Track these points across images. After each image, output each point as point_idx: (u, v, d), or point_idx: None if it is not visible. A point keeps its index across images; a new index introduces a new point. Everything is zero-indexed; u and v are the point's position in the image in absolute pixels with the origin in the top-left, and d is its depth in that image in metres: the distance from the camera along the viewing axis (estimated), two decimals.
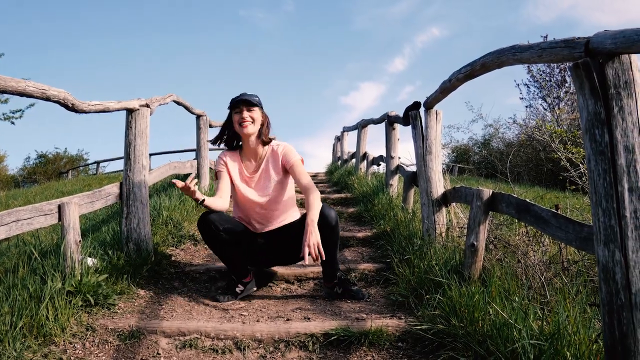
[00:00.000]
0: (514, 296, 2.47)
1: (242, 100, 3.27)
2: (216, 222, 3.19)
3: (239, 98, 3.29)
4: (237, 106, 3.30)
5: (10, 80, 2.39)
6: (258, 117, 3.32)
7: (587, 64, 1.73)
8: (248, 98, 3.27)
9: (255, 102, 3.29)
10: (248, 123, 3.28)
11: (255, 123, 3.30)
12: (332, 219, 3.17)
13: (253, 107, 3.30)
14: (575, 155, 4.40)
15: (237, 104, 3.29)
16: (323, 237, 3.03)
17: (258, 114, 3.32)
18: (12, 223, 2.67)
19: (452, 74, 3.28)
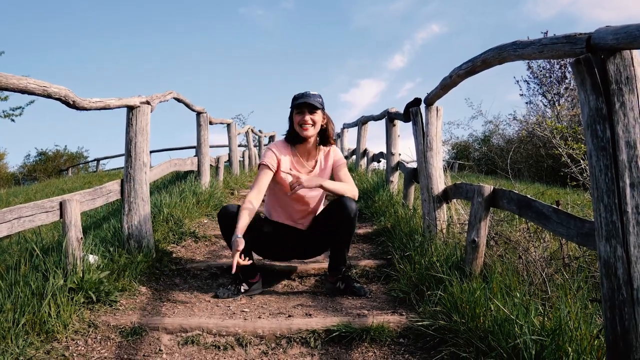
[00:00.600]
0: (515, 292, 2.47)
1: (305, 104, 3.27)
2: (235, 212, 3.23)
3: (302, 100, 3.27)
4: (300, 108, 3.30)
5: (11, 77, 2.39)
6: (319, 120, 3.34)
7: (588, 59, 1.73)
8: (311, 101, 3.26)
9: (318, 104, 3.29)
10: (309, 126, 3.30)
11: (315, 126, 3.33)
12: (352, 211, 3.24)
13: (315, 110, 3.30)
14: (576, 151, 4.40)
15: (300, 106, 3.29)
16: (340, 228, 3.26)
17: (319, 117, 3.33)
18: (14, 220, 2.67)
19: (452, 70, 3.28)
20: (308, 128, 3.30)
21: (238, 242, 2.98)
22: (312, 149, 3.47)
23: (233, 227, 3.13)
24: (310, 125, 3.30)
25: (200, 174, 6.66)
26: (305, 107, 3.28)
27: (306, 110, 3.29)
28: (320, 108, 3.31)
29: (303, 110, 3.29)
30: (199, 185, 6.21)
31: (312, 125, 3.31)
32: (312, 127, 3.31)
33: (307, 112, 3.29)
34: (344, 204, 3.24)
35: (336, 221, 3.29)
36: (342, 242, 3.35)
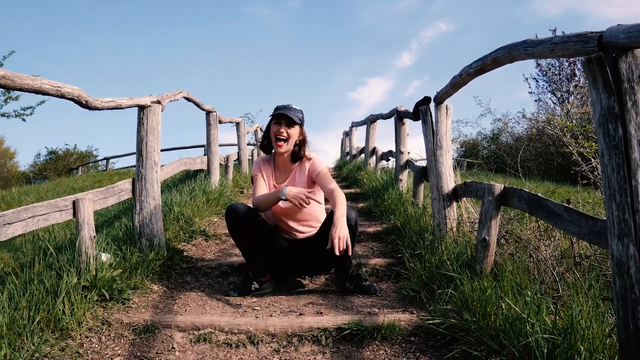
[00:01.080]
0: (527, 291, 2.47)
1: (283, 115, 3.26)
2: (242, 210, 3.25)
3: (281, 112, 3.26)
4: (278, 118, 3.29)
5: (26, 78, 2.42)
6: (295, 135, 3.31)
7: (600, 58, 1.73)
8: (290, 115, 3.24)
9: (297, 119, 3.27)
10: (282, 141, 3.29)
11: (289, 141, 3.30)
12: (352, 219, 3.16)
13: (293, 125, 3.29)
14: (587, 149, 4.39)
15: (278, 117, 3.28)
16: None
17: (296, 132, 3.32)
18: (28, 219, 2.70)
19: (462, 69, 3.28)
20: (282, 144, 3.28)
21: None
22: (287, 161, 3.43)
23: (240, 226, 3.23)
24: (284, 140, 3.28)
25: (210, 172, 6.69)
26: (283, 118, 3.28)
27: (283, 121, 3.28)
28: (298, 124, 3.30)
29: (280, 121, 3.29)
30: (208, 184, 6.24)
31: (286, 140, 3.28)
32: (285, 144, 3.29)
33: (284, 123, 3.27)
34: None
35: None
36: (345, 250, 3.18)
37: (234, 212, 3.27)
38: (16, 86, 2.37)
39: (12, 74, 2.31)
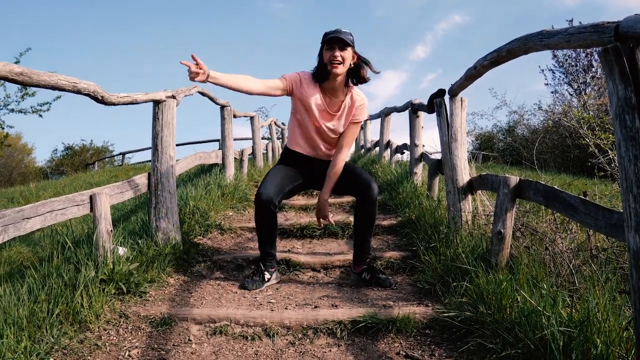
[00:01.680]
0: (542, 283, 2.46)
1: (336, 39, 3.19)
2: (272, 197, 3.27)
3: (333, 35, 3.19)
4: (330, 43, 3.22)
5: (43, 74, 2.44)
6: (349, 57, 3.25)
7: (616, 48, 1.71)
8: (343, 37, 3.17)
9: (349, 41, 3.21)
10: (338, 63, 3.22)
11: (344, 63, 3.24)
12: (373, 195, 3.35)
13: (346, 47, 3.22)
14: (604, 141, 4.35)
15: (330, 41, 3.21)
16: (361, 211, 3.41)
17: (349, 54, 3.25)
18: (46, 213, 2.74)
19: (477, 61, 3.26)
20: (337, 66, 3.22)
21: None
22: (339, 88, 3.38)
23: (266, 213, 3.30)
24: (339, 62, 3.22)
25: (225, 166, 6.72)
26: (336, 42, 3.20)
27: (337, 46, 3.20)
28: (350, 45, 3.23)
29: (333, 46, 3.20)
30: (223, 178, 6.27)
31: (342, 62, 3.22)
32: (341, 65, 3.23)
33: (338, 48, 3.20)
34: (368, 186, 3.36)
35: (359, 202, 3.42)
36: (364, 229, 3.42)
37: (262, 198, 3.27)
38: (33, 82, 2.40)
39: (30, 71, 2.34)
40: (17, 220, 2.48)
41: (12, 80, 2.29)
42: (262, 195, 3.26)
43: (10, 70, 2.23)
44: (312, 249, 4.25)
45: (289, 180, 3.44)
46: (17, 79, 2.29)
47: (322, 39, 3.28)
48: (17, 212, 2.50)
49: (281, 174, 3.44)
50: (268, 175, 3.43)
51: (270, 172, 3.47)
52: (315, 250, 4.19)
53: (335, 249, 4.21)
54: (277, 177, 3.40)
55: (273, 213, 3.33)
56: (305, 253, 4.08)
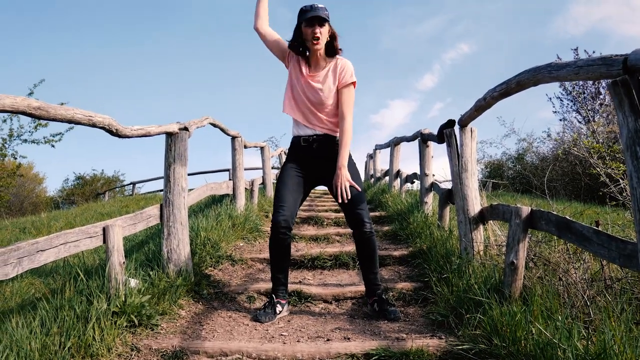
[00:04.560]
0: (557, 315, 2.44)
1: (315, 17, 3.35)
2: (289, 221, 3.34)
3: (312, 14, 3.35)
4: (310, 21, 3.38)
5: (59, 108, 2.49)
6: (325, 32, 3.42)
7: (625, 81, 1.73)
8: (320, 14, 3.35)
9: (326, 17, 3.38)
10: (318, 40, 3.39)
11: (322, 38, 3.41)
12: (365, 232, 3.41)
13: (324, 23, 3.39)
14: (615, 170, 4.33)
15: (310, 20, 3.37)
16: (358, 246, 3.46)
17: (326, 30, 3.42)
18: (60, 246, 2.76)
19: (487, 92, 3.29)
20: (318, 42, 3.39)
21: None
22: (320, 59, 3.53)
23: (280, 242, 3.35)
24: (319, 38, 3.39)
25: (236, 197, 6.75)
26: (316, 20, 3.37)
27: (316, 23, 3.37)
28: (327, 21, 3.40)
29: (313, 23, 3.37)
30: (234, 209, 6.29)
31: (320, 38, 3.39)
32: (321, 41, 3.41)
33: (317, 24, 3.37)
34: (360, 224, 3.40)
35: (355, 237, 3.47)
36: (367, 261, 3.45)
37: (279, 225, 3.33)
38: (50, 116, 2.44)
39: (47, 105, 2.38)
40: (32, 252, 2.51)
41: (30, 115, 2.34)
42: (279, 223, 3.32)
43: (29, 105, 2.28)
44: (323, 280, 4.23)
45: (298, 192, 3.49)
46: (34, 113, 2.34)
47: (300, 16, 3.43)
48: (32, 245, 2.52)
49: (290, 187, 3.46)
50: (279, 194, 3.45)
51: (280, 188, 3.47)
52: (326, 282, 4.18)
53: (346, 280, 4.19)
54: (288, 196, 3.41)
55: (288, 238, 3.37)
56: (317, 284, 4.06)
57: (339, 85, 3.49)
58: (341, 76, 3.49)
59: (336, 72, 3.50)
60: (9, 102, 2.15)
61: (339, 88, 3.48)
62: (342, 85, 3.48)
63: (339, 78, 3.49)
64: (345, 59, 3.55)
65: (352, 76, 3.51)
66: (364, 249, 3.43)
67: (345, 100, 3.47)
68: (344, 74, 3.49)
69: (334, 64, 3.52)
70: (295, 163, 3.55)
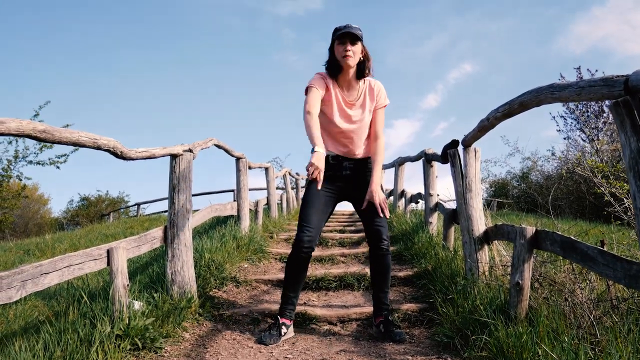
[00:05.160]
0: (563, 336, 2.42)
1: (347, 34, 3.36)
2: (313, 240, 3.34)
3: (344, 30, 3.36)
4: (342, 38, 3.39)
5: (64, 131, 2.51)
6: (358, 51, 3.42)
7: (627, 102, 1.74)
8: (353, 31, 3.35)
9: (359, 36, 3.38)
10: (350, 56, 3.37)
11: (355, 56, 3.40)
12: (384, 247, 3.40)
13: (357, 41, 3.39)
14: (619, 190, 4.33)
15: (342, 36, 3.38)
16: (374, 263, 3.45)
17: (359, 48, 3.42)
18: (64, 268, 2.76)
19: (490, 113, 3.30)
20: (349, 58, 3.38)
21: (320, 156, 3.02)
22: (352, 80, 3.52)
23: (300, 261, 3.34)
24: (351, 56, 3.38)
25: (240, 218, 6.74)
26: (348, 37, 3.37)
27: (348, 40, 3.37)
28: (360, 39, 3.40)
29: (345, 40, 3.37)
30: (238, 230, 6.29)
31: (352, 56, 3.39)
32: (352, 58, 3.39)
33: (349, 42, 3.37)
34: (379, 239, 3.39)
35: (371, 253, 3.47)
36: (380, 279, 3.45)
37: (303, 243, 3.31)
38: (55, 140, 2.46)
39: (52, 129, 2.40)
40: (36, 275, 2.51)
41: (35, 138, 2.35)
42: (303, 242, 3.31)
43: (34, 128, 2.29)
44: (328, 302, 4.22)
45: (324, 212, 3.48)
46: (40, 136, 2.35)
47: (333, 34, 3.44)
48: (36, 268, 2.52)
49: (316, 207, 3.43)
50: (305, 212, 3.41)
51: (305, 207, 3.44)
52: (331, 303, 4.16)
53: (351, 302, 4.18)
54: (313, 216, 3.39)
55: (309, 258, 3.37)
56: (322, 306, 4.05)
57: (375, 107, 3.55)
58: (378, 97, 3.55)
59: (373, 94, 3.54)
60: (14, 126, 2.17)
61: (376, 107, 3.55)
62: (378, 107, 3.55)
63: (376, 100, 3.54)
64: (376, 80, 3.59)
65: (386, 98, 3.58)
66: (378, 265, 3.42)
67: (379, 121, 3.55)
68: (380, 96, 3.55)
69: (368, 86, 3.56)
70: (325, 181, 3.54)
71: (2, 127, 2.12)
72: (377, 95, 3.54)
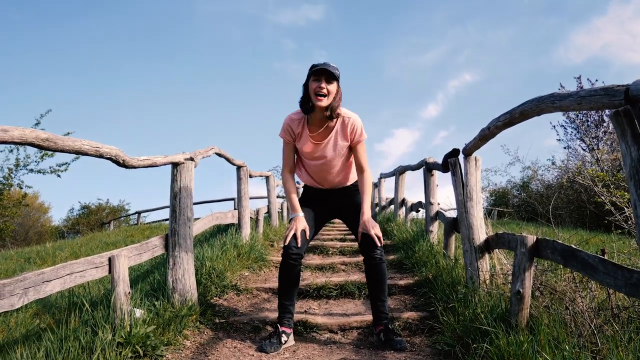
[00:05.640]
0: (564, 344, 2.43)
1: (324, 70, 3.27)
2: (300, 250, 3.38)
3: (322, 67, 3.27)
4: (317, 75, 3.30)
5: (67, 139, 2.52)
6: (333, 91, 3.33)
7: (627, 111, 1.75)
8: (331, 70, 3.27)
9: (336, 75, 3.31)
10: (323, 96, 3.29)
11: (329, 96, 3.32)
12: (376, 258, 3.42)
13: (332, 81, 3.31)
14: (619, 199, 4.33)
15: (318, 72, 3.29)
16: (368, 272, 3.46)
17: (334, 88, 3.33)
18: (66, 276, 2.76)
19: (490, 122, 3.31)
20: (322, 99, 3.29)
21: (300, 219, 3.36)
22: (323, 119, 3.45)
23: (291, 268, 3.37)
24: (324, 95, 3.29)
25: (241, 226, 6.75)
26: (324, 74, 3.28)
27: (323, 78, 3.28)
28: (336, 79, 3.32)
29: (320, 77, 3.28)
30: (239, 238, 6.29)
31: (326, 95, 3.30)
32: (325, 98, 3.30)
33: (325, 80, 3.28)
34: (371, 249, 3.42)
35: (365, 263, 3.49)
36: (376, 288, 3.47)
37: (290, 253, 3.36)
38: (58, 148, 2.47)
39: (55, 137, 2.42)
40: (38, 283, 2.51)
41: (38, 146, 2.37)
42: (291, 249, 3.35)
43: (37, 137, 2.31)
44: (329, 310, 4.22)
45: (314, 220, 3.57)
46: (42, 144, 2.37)
47: (310, 70, 3.36)
48: (38, 275, 2.53)
49: (306, 215, 3.53)
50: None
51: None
52: (332, 311, 4.16)
53: (352, 310, 4.17)
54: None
55: (298, 266, 3.39)
56: (322, 314, 4.05)
57: (351, 144, 3.49)
58: (353, 136, 3.47)
59: (346, 131, 3.47)
60: (17, 134, 2.19)
61: (353, 144, 3.49)
62: (355, 142, 3.48)
63: (351, 138, 3.47)
64: (351, 115, 3.48)
65: (363, 133, 3.50)
66: (373, 274, 3.44)
67: (360, 155, 3.50)
68: (355, 133, 3.46)
69: (341, 123, 3.47)
70: (310, 199, 3.64)
71: (6, 135, 2.13)
72: (351, 132, 3.46)
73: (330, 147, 3.48)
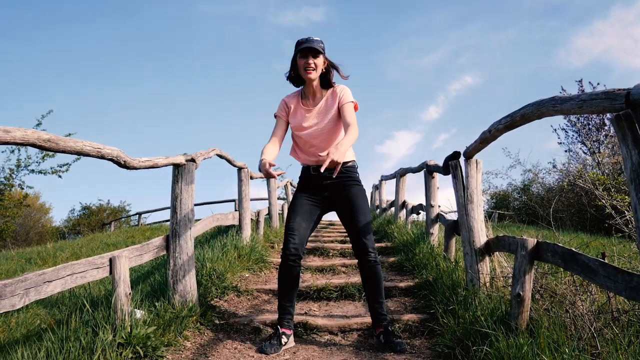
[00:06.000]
0: (564, 347, 2.43)
1: (308, 48, 3.44)
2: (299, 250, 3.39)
3: (305, 45, 3.44)
4: (304, 52, 3.46)
5: (69, 140, 2.53)
6: (320, 64, 3.50)
7: (628, 115, 1.76)
8: (314, 46, 3.43)
9: (321, 49, 3.46)
10: (311, 70, 3.47)
11: (317, 69, 3.49)
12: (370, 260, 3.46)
13: (318, 55, 3.47)
14: (620, 202, 4.34)
15: (303, 51, 3.46)
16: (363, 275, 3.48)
17: (320, 61, 3.50)
18: (67, 277, 2.77)
19: (492, 125, 3.32)
20: (311, 72, 3.46)
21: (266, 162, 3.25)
22: (317, 91, 3.60)
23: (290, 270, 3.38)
24: (313, 69, 3.46)
25: (242, 228, 6.75)
26: (309, 51, 3.45)
27: (310, 54, 3.45)
28: (322, 53, 3.48)
29: (307, 54, 3.46)
30: (240, 240, 6.29)
31: (314, 69, 3.47)
32: (314, 72, 3.47)
33: (311, 56, 3.45)
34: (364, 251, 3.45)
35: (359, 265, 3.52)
36: (372, 290, 3.47)
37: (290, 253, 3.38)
38: (59, 149, 2.48)
39: (56, 138, 2.42)
40: (39, 283, 2.52)
41: (39, 147, 2.37)
42: (290, 251, 3.36)
43: (39, 137, 2.31)
44: (329, 312, 4.22)
45: (309, 220, 3.54)
46: (44, 145, 2.37)
47: (295, 48, 3.52)
48: (39, 276, 2.54)
49: (301, 215, 3.51)
50: (289, 222, 3.49)
51: (290, 216, 3.53)
52: (332, 313, 4.16)
53: (352, 312, 4.18)
54: (298, 224, 3.46)
55: (298, 267, 3.40)
56: (322, 316, 4.05)
57: (339, 105, 3.55)
58: (340, 97, 3.56)
59: (335, 97, 3.57)
60: (19, 135, 2.19)
61: (340, 106, 3.55)
62: (342, 103, 3.54)
63: (339, 100, 3.56)
64: (341, 84, 3.64)
65: (351, 96, 3.58)
66: (369, 277, 3.45)
67: (348, 113, 3.49)
68: (343, 95, 3.56)
69: (332, 92, 3.61)
70: (306, 191, 3.59)
71: (8, 136, 2.14)
72: (339, 96, 3.56)
73: (322, 112, 3.57)
